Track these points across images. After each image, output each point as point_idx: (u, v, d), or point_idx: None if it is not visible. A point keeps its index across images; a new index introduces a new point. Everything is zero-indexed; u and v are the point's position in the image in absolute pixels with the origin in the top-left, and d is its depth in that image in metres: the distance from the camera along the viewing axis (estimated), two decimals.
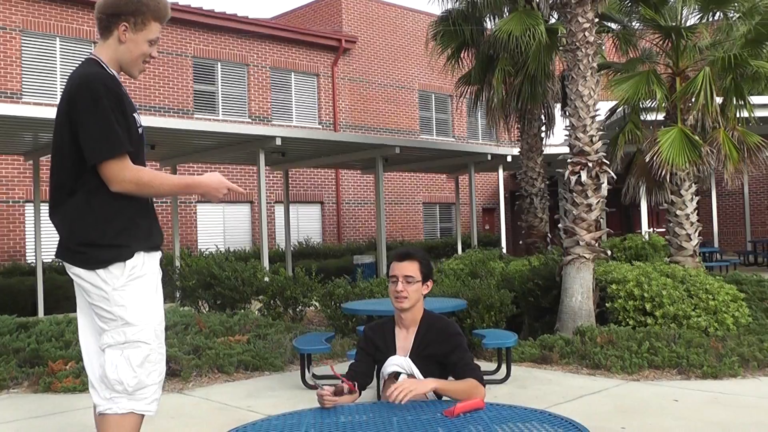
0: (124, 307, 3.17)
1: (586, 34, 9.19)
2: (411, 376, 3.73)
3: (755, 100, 12.43)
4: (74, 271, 3.25)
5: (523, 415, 2.91)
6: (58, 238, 3.34)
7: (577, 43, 9.19)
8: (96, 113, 3.14)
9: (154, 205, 3.60)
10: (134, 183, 3.19)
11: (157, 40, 3.42)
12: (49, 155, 3.50)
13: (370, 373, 3.85)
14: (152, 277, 3.31)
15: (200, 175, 3.38)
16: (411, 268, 3.85)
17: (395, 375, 3.75)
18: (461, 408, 2.91)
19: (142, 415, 3.22)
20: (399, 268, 3.85)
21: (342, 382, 3.49)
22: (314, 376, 7.11)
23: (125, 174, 3.17)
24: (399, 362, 3.77)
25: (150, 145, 14.30)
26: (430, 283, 3.94)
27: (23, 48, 18.48)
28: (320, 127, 24.16)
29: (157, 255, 3.40)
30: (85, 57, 3.40)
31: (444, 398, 3.48)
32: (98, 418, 3.23)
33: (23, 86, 18.33)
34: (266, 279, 11.55)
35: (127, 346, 3.17)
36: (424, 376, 3.70)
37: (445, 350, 3.78)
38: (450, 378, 3.77)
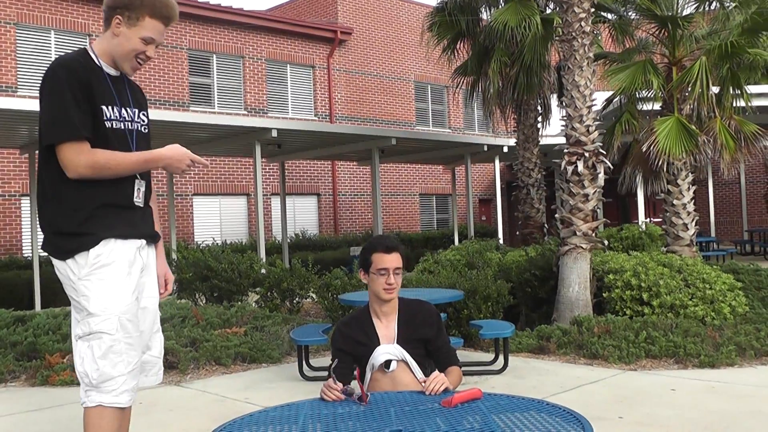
0: (87, 297, 3.12)
1: (582, 24, 9.18)
2: (402, 361, 3.73)
3: (752, 89, 12.43)
4: (53, 262, 3.24)
5: (522, 405, 2.90)
6: None
7: (573, 33, 9.17)
8: (52, 97, 3.11)
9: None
10: (90, 167, 3.12)
11: (154, 41, 3.33)
12: None
13: (350, 372, 3.81)
14: (121, 264, 3.20)
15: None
16: (398, 259, 3.84)
17: (386, 363, 3.73)
18: (459, 398, 2.91)
19: (122, 408, 3.16)
20: (389, 261, 3.80)
21: (360, 392, 3.33)
22: (311, 367, 7.11)
23: (80, 159, 3.10)
24: (389, 350, 3.75)
25: None
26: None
27: (18, 41, 18.42)
28: (316, 118, 24.12)
29: (136, 243, 3.30)
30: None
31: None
32: (84, 411, 3.19)
33: (18, 80, 18.28)
34: (263, 271, 11.55)
35: (92, 337, 3.11)
36: (414, 360, 3.72)
37: (431, 333, 3.83)
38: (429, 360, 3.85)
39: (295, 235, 22.72)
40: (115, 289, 3.16)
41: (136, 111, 3.38)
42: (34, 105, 11.87)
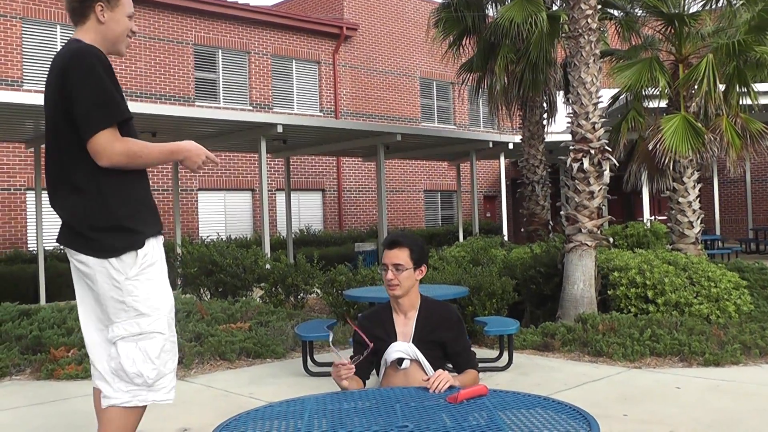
0: (137, 297, 3.10)
1: (589, 20, 9.15)
2: (415, 361, 3.73)
3: (758, 87, 12.39)
4: (80, 259, 3.13)
5: (527, 402, 2.90)
6: (60, 224, 3.23)
7: (580, 30, 9.15)
8: (91, 81, 3.05)
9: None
10: (125, 155, 3.07)
11: (133, 14, 3.36)
12: None
13: (369, 366, 3.82)
14: (161, 263, 3.25)
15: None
16: (401, 255, 3.80)
17: (399, 361, 3.74)
18: (465, 395, 2.91)
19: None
20: (388, 257, 3.81)
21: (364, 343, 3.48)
22: (316, 363, 7.11)
23: (116, 146, 3.05)
24: (403, 348, 3.76)
25: (152, 133, 14.29)
26: (423, 268, 3.87)
27: (24, 36, 18.43)
28: (321, 114, 24.11)
29: (161, 239, 3.33)
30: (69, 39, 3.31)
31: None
32: (108, 410, 3.15)
33: (24, 74, 18.29)
34: (268, 266, 11.55)
35: (142, 337, 3.11)
36: (428, 361, 3.72)
37: (449, 337, 3.80)
38: (447, 364, 3.82)
39: (300, 230, 22.72)
40: (162, 288, 3.21)
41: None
42: (39, 99, 11.87)
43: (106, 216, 3.10)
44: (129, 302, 3.09)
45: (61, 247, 3.30)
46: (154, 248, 3.20)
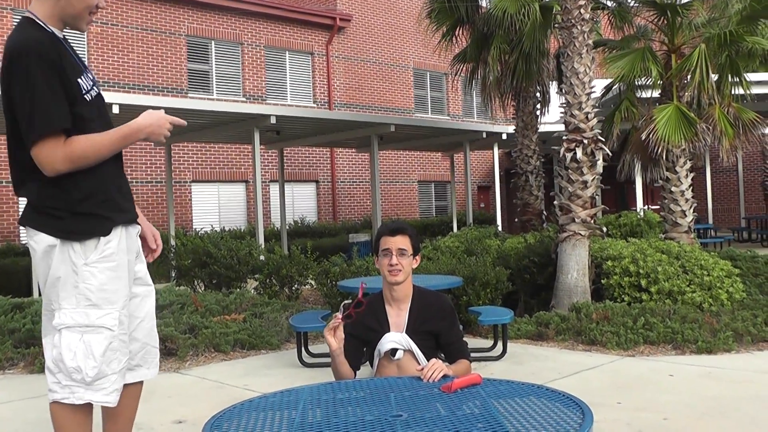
0: (91, 285, 2.91)
1: (582, 11, 9.16)
2: (408, 351, 3.74)
3: (750, 77, 12.41)
4: (41, 239, 2.93)
5: (521, 391, 2.91)
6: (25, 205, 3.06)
7: (573, 20, 9.16)
8: (27, 90, 2.82)
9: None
10: (69, 160, 2.86)
11: None
12: None
13: (359, 356, 3.83)
14: (126, 255, 3.04)
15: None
16: (404, 241, 3.82)
17: (392, 351, 3.75)
18: (459, 383, 2.92)
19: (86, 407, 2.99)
20: (392, 242, 3.82)
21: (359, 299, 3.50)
22: (310, 354, 7.13)
23: (56, 154, 2.84)
24: (396, 338, 3.76)
25: None
26: (418, 258, 3.93)
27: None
28: (315, 105, 24.08)
29: (134, 230, 3.17)
30: (22, 17, 3.05)
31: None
32: (51, 405, 2.99)
33: None
34: (262, 258, 11.55)
35: (89, 330, 2.90)
36: (421, 351, 3.73)
37: (443, 327, 3.81)
38: (440, 353, 3.84)
39: (294, 222, 22.72)
40: (120, 282, 3.00)
41: (90, 72, 3.13)
42: None
43: (75, 198, 2.93)
44: (81, 289, 2.90)
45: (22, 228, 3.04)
46: (120, 237, 3.02)
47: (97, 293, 2.93)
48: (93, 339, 2.91)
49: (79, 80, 2.99)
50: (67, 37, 3.10)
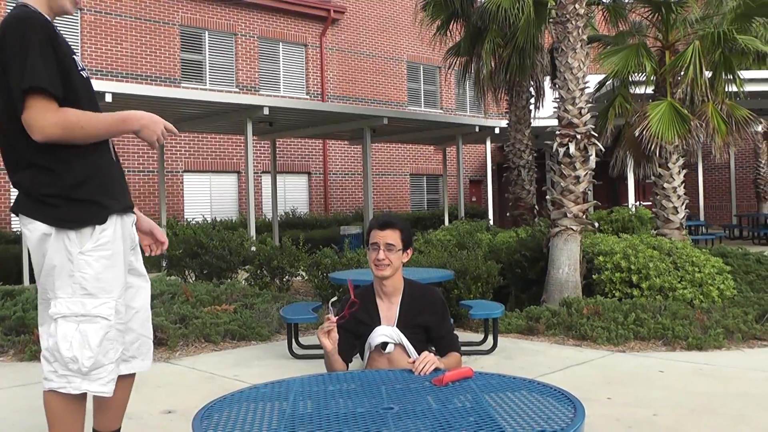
0: (86, 275, 2.88)
1: (576, 6, 9.15)
2: (399, 345, 3.73)
3: (744, 74, 12.42)
4: (36, 227, 2.89)
5: (513, 385, 2.91)
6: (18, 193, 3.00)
7: (567, 15, 9.15)
8: (23, 52, 2.79)
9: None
10: (60, 126, 2.80)
11: None
12: None
13: (352, 349, 3.81)
14: (121, 244, 3.03)
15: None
16: (392, 236, 3.79)
17: (383, 345, 3.74)
18: (450, 377, 2.91)
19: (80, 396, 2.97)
20: (381, 236, 3.79)
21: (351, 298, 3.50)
22: (301, 345, 7.12)
23: (48, 117, 2.78)
24: (387, 332, 3.75)
25: None
26: (410, 251, 3.88)
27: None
28: (308, 97, 24.03)
29: (130, 219, 3.15)
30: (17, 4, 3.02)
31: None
32: (45, 394, 2.97)
33: None
34: (253, 249, 11.54)
35: (85, 320, 2.88)
36: (412, 345, 3.72)
37: (434, 320, 3.80)
38: (431, 346, 3.83)
39: (286, 213, 22.69)
40: (116, 271, 2.98)
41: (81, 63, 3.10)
42: None
43: (69, 184, 2.90)
44: (77, 278, 2.88)
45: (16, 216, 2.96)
46: (116, 226, 3.00)
47: (93, 282, 2.90)
48: (89, 329, 2.89)
49: (74, 57, 3.00)
50: (58, 28, 3.08)
